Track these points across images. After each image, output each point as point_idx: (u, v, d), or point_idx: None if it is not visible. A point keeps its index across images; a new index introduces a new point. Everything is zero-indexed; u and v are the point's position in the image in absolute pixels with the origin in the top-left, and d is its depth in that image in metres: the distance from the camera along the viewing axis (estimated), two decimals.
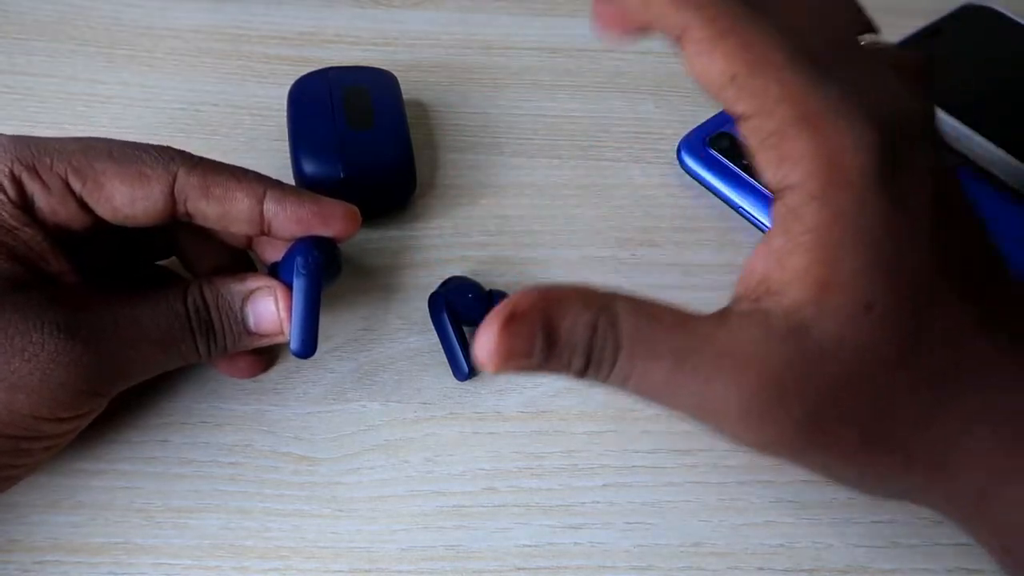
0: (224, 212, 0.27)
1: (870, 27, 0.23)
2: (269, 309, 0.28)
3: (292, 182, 0.34)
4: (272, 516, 0.28)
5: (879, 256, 0.20)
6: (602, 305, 0.21)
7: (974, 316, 0.21)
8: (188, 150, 0.28)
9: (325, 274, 0.28)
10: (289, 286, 0.28)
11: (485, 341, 0.21)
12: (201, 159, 0.28)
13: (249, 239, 0.30)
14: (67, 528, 0.28)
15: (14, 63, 0.41)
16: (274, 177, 0.29)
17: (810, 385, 0.21)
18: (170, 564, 0.27)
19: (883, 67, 0.22)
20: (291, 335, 0.28)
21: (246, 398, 0.31)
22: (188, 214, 0.28)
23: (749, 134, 0.21)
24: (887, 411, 0.21)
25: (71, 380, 0.25)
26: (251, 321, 0.28)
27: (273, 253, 0.30)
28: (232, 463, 0.29)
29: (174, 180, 0.27)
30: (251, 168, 0.28)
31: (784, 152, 0.20)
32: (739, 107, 0.21)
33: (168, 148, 0.28)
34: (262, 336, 0.28)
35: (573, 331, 0.21)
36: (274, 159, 0.29)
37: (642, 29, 0.22)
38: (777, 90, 0.20)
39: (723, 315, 0.22)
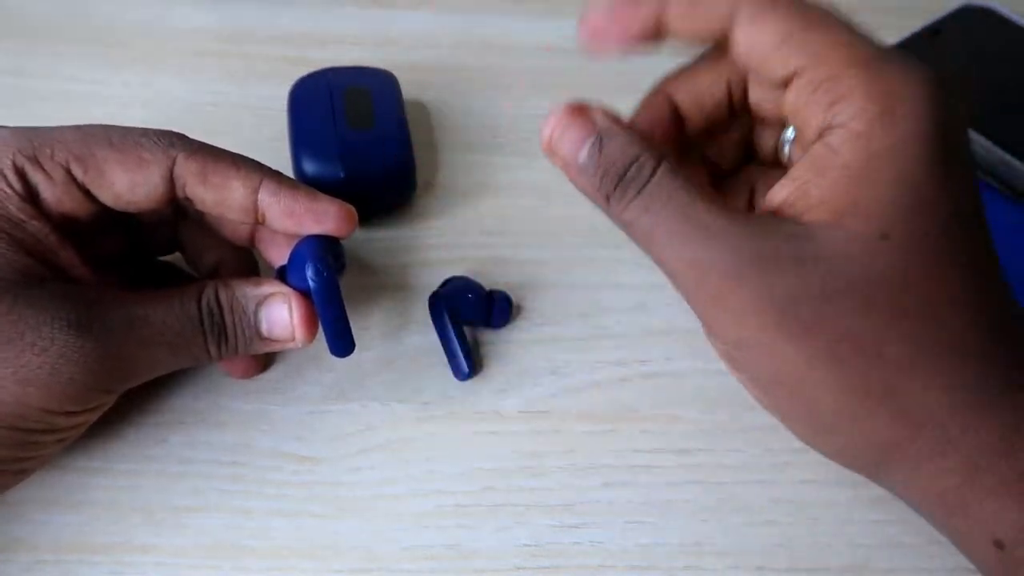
0: (220, 199, 0.27)
1: None
2: (282, 315, 0.28)
3: None
4: (272, 516, 0.28)
5: (903, 197, 0.21)
6: (653, 147, 0.23)
7: (978, 303, 0.22)
8: None
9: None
10: (298, 290, 0.28)
11: (553, 114, 0.23)
12: (201, 145, 0.28)
13: (251, 235, 0.30)
14: (67, 527, 0.28)
15: (14, 63, 0.41)
16: None
17: (801, 275, 0.21)
18: (170, 563, 0.27)
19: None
20: (328, 340, 0.28)
21: (247, 397, 0.31)
22: (188, 199, 0.28)
23: (800, 89, 0.22)
24: (874, 323, 0.21)
25: (80, 375, 0.25)
26: (264, 326, 0.28)
27: (275, 251, 0.30)
28: (232, 463, 0.29)
29: (173, 165, 0.27)
30: None
31: (837, 94, 0.21)
32: (793, 62, 0.22)
33: (168, 133, 0.28)
34: (273, 341, 0.28)
35: (621, 150, 0.23)
36: (274, 159, 0.29)
37: (655, 37, 0.24)
38: (833, 39, 0.22)
39: (746, 215, 0.22)
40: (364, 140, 0.35)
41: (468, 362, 0.31)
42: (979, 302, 0.22)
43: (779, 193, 0.23)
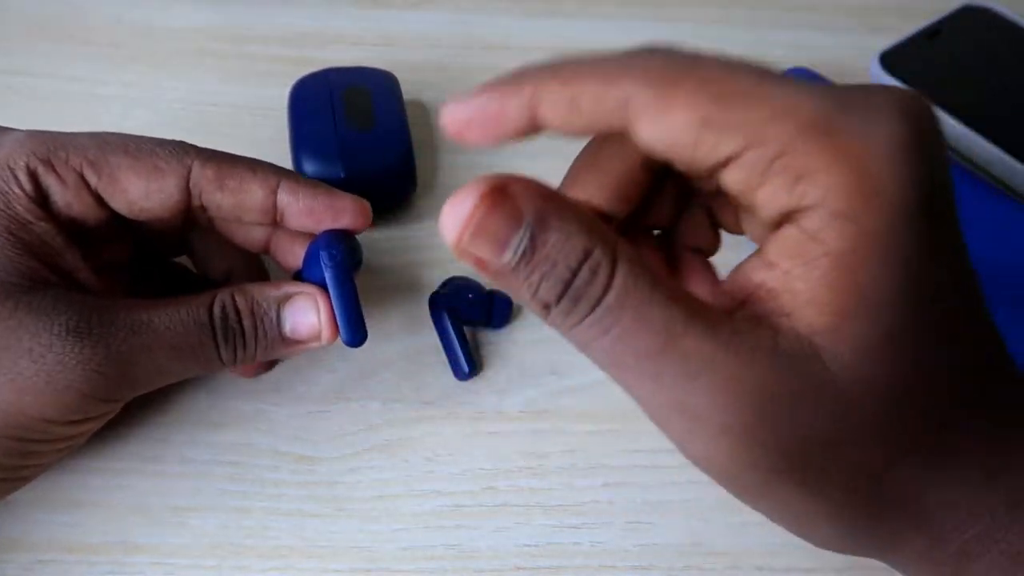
0: (238, 203, 0.27)
1: None
2: (307, 314, 0.27)
3: None
4: (272, 515, 0.28)
5: (909, 284, 0.18)
6: (605, 237, 0.17)
7: (985, 366, 0.20)
8: None
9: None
10: (317, 287, 0.27)
11: (458, 205, 0.17)
12: (214, 152, 0.28)
13: (266, 242, 0.30)
14: (66, 527, 0.28)
15: (15, 63, 0.41)
16: None
17: (810, 413, 0.18)
18: (169, 563, 0.27)
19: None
20: (340, 327, 0.27)
21: (246, 397, 0.31)
22: (203, 207, 0.27)
23: (745, 174, 0.18)
24: (885, 450, 0.19)
25: (77, 383, 0.24)
26: (287, 327, 0.27)
27: (292, 257, 0.30)
28: (232, 462, 0.29)
29: (188, 173, 0.27)
30: None
31: (796, 171, 0.18)
32: (723, 148, 0.18)
33: (182, 143, 0.28)
34: (296, 342, 0.27)
35: (562, 245, 0.17)
36: (274, 159, 0.29)
37: (532, 132, 0.20)
38: (766, 109, 0.18)
39: (728, 315, 0.19)
40: (364, 140, 0.35)
41: (468, 362, 0.31)
42: (980, 393, 0.19)
43: (756, 274, 0.19)
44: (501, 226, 0.17)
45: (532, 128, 0.20)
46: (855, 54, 0.44)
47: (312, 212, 0.28)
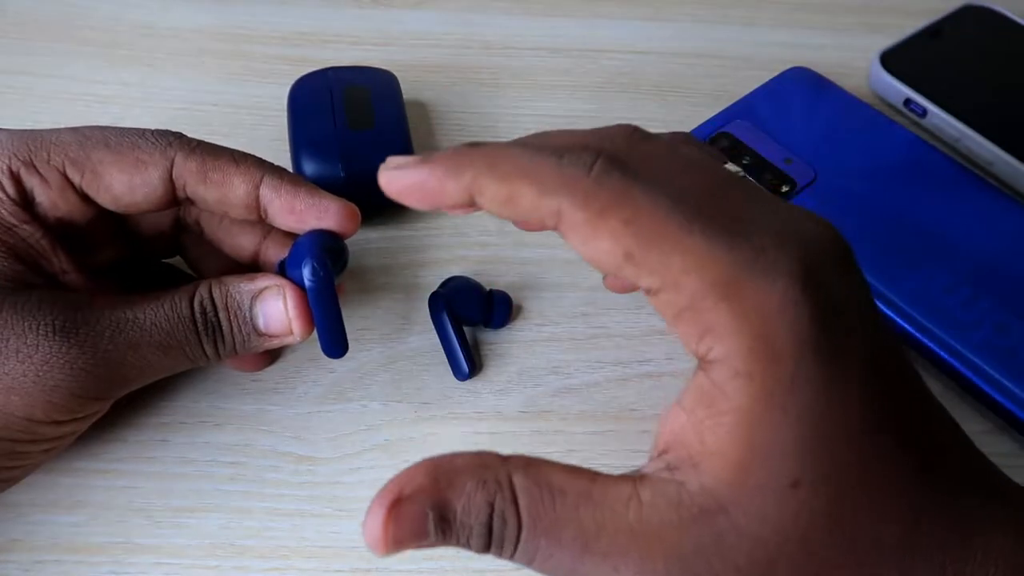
0: (221, 197, 0.27)
1: (724, 160, 0.22)
2: (278, 308, 0.27)
3: None
4: (272, 516, 0.28)
5: (808, 432, 0.18)
6: (499, 481, 0.20)
7: (913, 466, 0.19)
8: None
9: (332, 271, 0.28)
10: (296, 283, 0.27)
11: (371, 525, 0.19)
12: (200, 143, 0.27)
13: (253, 254, 0.30)
14: (67, 527, 0.28)
15: (14, 63, 0.41)
16: None
17: (720, 563, 0.19)
18: (170, 563, 0.27)
19: (772, 196, 0.21)
20: (320, 340, 0.27)
21: (246, 398, 0.31)
22: (188, 198, 0.27)
23: (661, 309, 0.20)
24: None
25: (65, 383, 0.24)
26: (260, 321, 0.27)
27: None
28: (232, 463, 0.29)
29: (172, 165, 0.26)
30: None
31: (703, 325, 0.19)
32: (643, 283, 0.19)
33: (166, 132, 0.27)
34: (271, 337, 0.27)
35: (468, 511, 0.19)
36: (274, 159, 0.29)
37: (464, 210, 0.21)
38: (680, 260, 0.19)
39: (637, 482, 0.20)
40: (364, 140, 0.35)
41: (468, 362, 0.31)
42: (918, 503, 0.19)
43: (676, 421, 0.20)
44: (411, 527, 0.19)
45: (468, 208, 0.21)
46: (855, 54, 0.44)
47: (294, 211, 0.27)
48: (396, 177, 0.21)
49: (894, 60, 0.42)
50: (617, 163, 0.20)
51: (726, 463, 0.19)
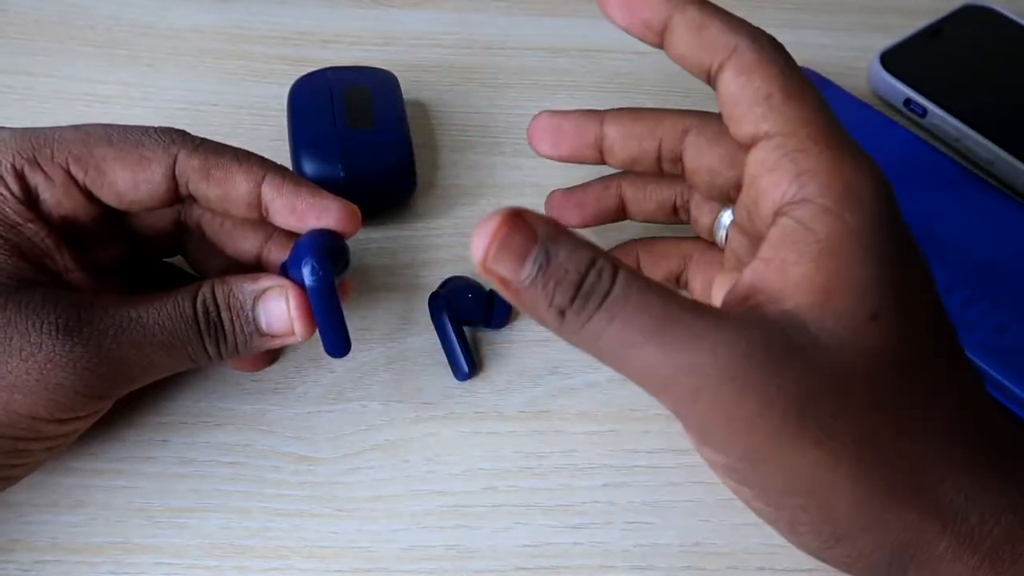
0: (223, 194, 0.27)
1: None
2: (280, 308, 0.27)
3: None
4: (272, 516, 0.28)
5: (888, 274, 0.21)
6: (604, 252, 0.21)
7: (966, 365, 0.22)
8: None
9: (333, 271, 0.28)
10: (297, 283, 0.27)
11: (482, 231, 0.20)
12: (203, 140, 0.27)
13: (256, 256, 0.30)
14: (67, 528, 0.28)
15: (14, 63, 0.41)
16: None
17: (806, 367, 0.20)
18: (170, 564, 0.27)
19: None
20: (322, 340, 0.27)
21: (246, 398, 0.31)
22: (191, 196, 0.27)
23: (766, 152, 0.22)
24: (886, 416, 0.20)
25: (68, 381, 0.24)
26: (263, 321, 0.27)
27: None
28: (232, 463, 0.29)
29: (175, 162, 0.27)
30: None
31: (803, 167, 0.21)
32: (765, 125, 0.22)
33: (169, 130, 0.27)
34: (273, 337, 0.27)
35: (572, 256, 0.20)
36: (274, 159, 0.29)
37: (660, 31, 0.25)
38: (806, 115, 0.22)
39: (718, 309, 0.21)
40: (364, 140, 0.35)
41: (468, 362, 0.31)
42: (962, 377, 0.22)
43: (749, 275, 0.22)
44: (520, 243, 0.20)
45: (657, 38, 0.25)
46: (855, 54, 0.44)
47: (295, 210, 0.27)
48: (537, 127, 0.28)
49: (894, 60, 0.42)
50: (781, 48, 0.24)
51: (811, 288, 0.20)
